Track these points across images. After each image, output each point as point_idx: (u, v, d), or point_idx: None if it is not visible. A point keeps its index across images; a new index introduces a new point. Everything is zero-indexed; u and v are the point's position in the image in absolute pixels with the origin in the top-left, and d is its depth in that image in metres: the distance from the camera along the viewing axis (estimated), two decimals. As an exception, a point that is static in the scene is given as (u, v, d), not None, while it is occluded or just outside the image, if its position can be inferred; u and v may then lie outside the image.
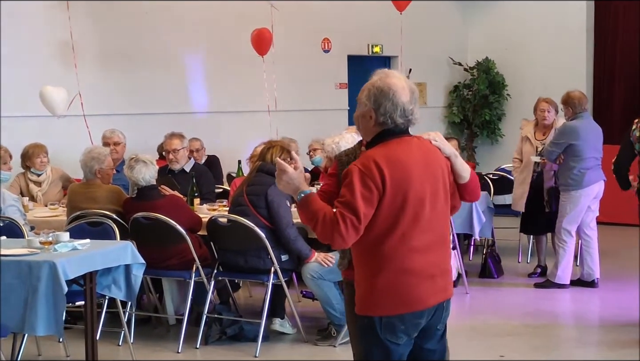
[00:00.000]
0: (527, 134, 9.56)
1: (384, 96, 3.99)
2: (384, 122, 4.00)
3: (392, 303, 3.97)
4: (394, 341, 4.01)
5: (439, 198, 4.04)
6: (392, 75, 4.05)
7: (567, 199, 9.00)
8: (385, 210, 3.91)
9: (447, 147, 4.17)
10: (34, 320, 5.73)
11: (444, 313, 4.11)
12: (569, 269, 9.15)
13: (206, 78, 12.28)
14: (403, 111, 3.99)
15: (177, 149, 8.84)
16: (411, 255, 3.95)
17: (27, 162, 9.18)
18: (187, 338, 7.33)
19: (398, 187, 3.91)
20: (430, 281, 4.00)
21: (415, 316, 4.00)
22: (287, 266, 7.37)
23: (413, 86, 4.08)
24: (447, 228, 4.15)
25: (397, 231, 3.93)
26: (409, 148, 4.00)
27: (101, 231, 7.08)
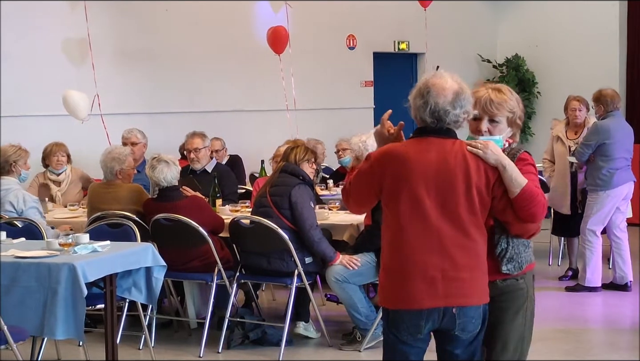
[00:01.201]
0: (558, 133, 9.38)
1: (419, 94, 4.08)
2: (416, 118, 4.13)
3: (390, 297, 4.15)
4: (399, 336, 4.13)
5: (453, 203, 4.02)
6: (440, 75, 4.11)
7: (594, 200, 8.86)
8: (384, 200, 4.13)
9: (492, 157, 4.04)
10: (53, 323, 5.71)
11: (459, 320, 4.07)
12: (598, 272, 9.00)
13: (228, 77, 12.18)
14: (433, 111, 4.04)
15: (199, 149, 8.73)
16: (407, 253, 4.06)
17: (46, 161, 9.14)
18: (208, 342, 7.23)
19: (393, 181, 4.07)
20: (428, 284, 4.03)
21: (413, 315, 4.07)
22: (311, 269, 7.26)
23: (462, 89, 4.08)
24: (466, 236, 4.04)
25: (393, 223, 4.10)
26: (426, 149, 4.06)
27: (121, 232, 7.00)
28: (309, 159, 7.38)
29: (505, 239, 4.20)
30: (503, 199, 4.06)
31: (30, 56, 10.19)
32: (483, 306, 4.13)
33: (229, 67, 12.17)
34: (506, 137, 4.31)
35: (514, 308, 4.30)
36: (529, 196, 4.04)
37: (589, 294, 8.92)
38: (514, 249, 4.21)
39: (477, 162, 4.03)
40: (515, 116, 4.33)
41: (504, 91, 4.32)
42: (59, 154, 9.10)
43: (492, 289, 4.22)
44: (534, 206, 4.05)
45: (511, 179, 4.04)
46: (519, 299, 4.31)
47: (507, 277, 4.26)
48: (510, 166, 4.05)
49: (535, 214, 4.08)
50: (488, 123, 4.27)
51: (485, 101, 4.26)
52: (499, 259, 4.21)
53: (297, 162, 7.32)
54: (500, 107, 4.27)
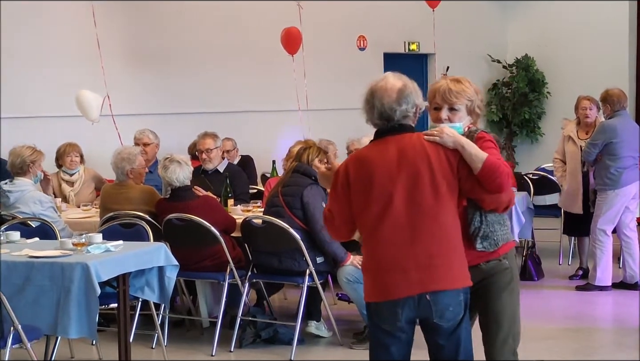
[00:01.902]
0: (569, 133, 9.39)
1: (365, 100, 4.32)
2: (368, 122, 4.33)
3: (370, 291, 4.30)
4: (383, 328, 4.27)
5: (420, 193, 4.16)
6: (382, 78, 4.34)
7: (603, 199, 8.87)
8: (355, 205, 4.27)
9: (449, 140, 4.17)
10: (66, 322, 5.74)
11: (436, 307, 4.17)
12: (608, 271, 9.00)
13: (239, 77, 12.20)
14: (381, 112, 4.24)
15: (211, 149, 8.78)
16: (380, 248, 4.22)
17: (59, 161, 9.19)
18: (221, 341, 7.26)
19: (361, 185, 4.23)
20: (402, 274, 4.16)
21: (390, 305, 4.20)
22: (322, 268, 7.28)
23: (405, 85, 4.28)
24: (436, 223, 4.17)
25: (366, 223, 4.25)
26: (384, 148, 4.22)
27: (134, 232, 7.03)
28: (321, 159, 7.40)
29: (479, 218, 4.36)
30: (469, 178, 4.19)
31: (42, 57, 10.24)
32: (463, 293, 4.22)
33: (240, 67, 12.20)
34: (466, 125, 4.46)
35: (501, 287, 4.48)
36: (492, 168, 4.15)
37: (599, 294, 8.93)
38: (488, 227, 4.38)
39: (437, 149, 4.18)
40: (474, 105, 4.48)
41: (462, 81, 4.50)
42: (72, 155, 9.16)
43: (478, 273, 4.39)
44: (499, 176, 4.16)
45: (471, 156, 4.16)
46: (505, 278, 4.49)
47: (489, 258, 4.42)
48: (469, 144, 4.18)
49: (501, 183, 4.19)
50: (448, 111, 4.43)
51: (444, 90, 4.43)
52: (473, 237, 4.37)
53: (309, 163, 7.35)
54: (459, 96, 4.42)
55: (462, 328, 4.26)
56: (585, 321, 8.12)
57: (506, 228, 4.50)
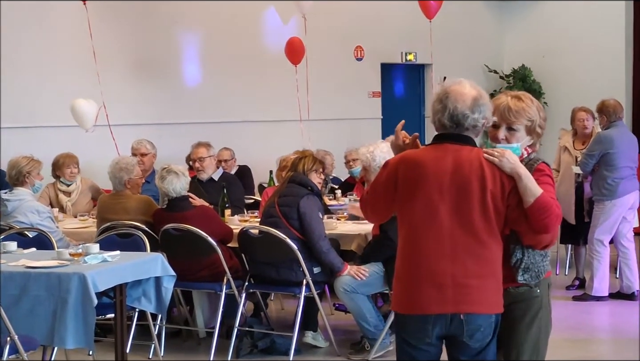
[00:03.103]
0: (565, 143, 9.41)
1: (438, 99, 4.13)
2: (434, 124, 4.16)
3: (400, 301, 4.18)
4: (408, 340, 4.16)
5: (468, 210, 4.03)
6: (458, 82, 4.16)
7: (601, 210, 8.87)
8: (398, 206, 4.16)
9: (508, 166, 4.01)
10: (63, 332, 5.74)
11: (467, 326, 4.05)
12: (605, 281, 9.00)
13: (237, 87, 12.22)
14: (452, 115, 4.07)
15: (204, 158, 8.83)
16: (418, 258, 4.09)
17: (57, 172, 9.17)
18: (218, 351, 7.25)
19: (409, 187, 4.10)
20: (436, 290, 4.04)
21: (420, 320, 4.09)
22: (319, 279, 7.28)
23: (481, 95, 4.11)
24: (479, 243, 4.03)
25: (407, 229, 4.13)
26: (442, 155, 4.08)
27: (131, 242, 7.02)
28: (317, 169, 7.40)
29: (521, 249, 4.17)
30: (517, 208, 4.03)
31: (40, 67, 10.25)
32: (495, 316, 4.11)
33: (237, 77, 12.21)
34: (525, 145, 4.28)
35: (528, 316, 4.28)
36: (543, 207, 4.01)
37: (596, 304, 8.93)
38: (530, 258, 4.19)
39: (493, 170, 4.03)
40: (535, 125, 4.28)
41: (523, 99, 4.29)
42: (72, 166, 9.15)
43: (506, 297, 4.20)
44: (547, 217, 4.02)
45: (526, 189, 4.01)
46: (533, 307, 4.29)
47: (521, 284, 4.24)
48: (526, 175, 4.02)
49: (548, 225, 4.04)
50: (506, 131, 4.26)
51: (503, 108, 4.25)
52: (515, 269, 4.19)
53: (306, 173, 7.34)
54: (519, 115, 4.24)
55: (490, 350, 4.15)
56: (582, 331, 8.11)
57: (547, 258, 4.29)
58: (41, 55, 10.28)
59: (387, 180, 4.18)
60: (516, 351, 4.30)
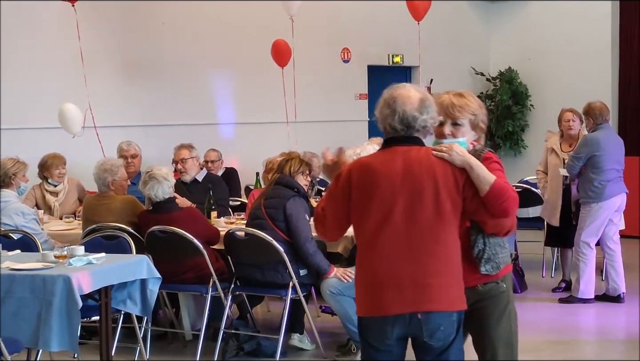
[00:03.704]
0: (552, 145, 9.42)
1: (386, 104, 4.19)
2: (385, 129, 4.22)
3: (362, 305, 4.22)
4: (373, 343, 4.20)
5: (422, 209, 4.08)
6: (402, 86, 4.25)
7: (587, 212, 8.88)
8: (353, 213, 4.20)
9: (458, 158, 4.09)
10: (48, 335, 5.70)
11: (426, 326, 4.09)
12: (592, 284, 9.01)
13: (224, 89, 12.20)
14: (402, 118, 4.14)
15: (185, 159, 8.84)
16: (376, 261, 4.13)
17: (44, 173, 9.14)
18: (204, 353, 7.24)
19: (362, 193, 4.15)
20: (396, 291, 4.08)
21: (381, 321, 4.13)
22: (305, 281, 7.26)
23: (426, 96, 4.19)
24: (436, 241, 4.09)
25: (363, 234, 4.18)
26: (392, 158, 4.14)
27: (117, 244, 7.00)
28: (303, 171, 7.39)
29: (482, 240, 4.29)
30: (474, 199, 4.11)
31: (26, 69, 10.20)
32: (457, 314, 4.14)
33: (224, 79, 12.19)
34: (470, 140, 4.41)
35: (498, 312, 4.39)
36: (499, 192, 4.09)
37: (582, 306, 8.93)
38: (491, 249, 4.30)
39: (444, 166, 4.10)
40: (478, 119, 4.44)
41: (465, 95, 4.46)
42: (60, 167, 9.14)
43: (474, 295, 4.31)
44: (505, 200, 4.09)
45: (479, 178, 4.08)
46: (502, 302, 4.41)
47: (487, 280, 4.34)
48: (477, 165, 4.11)
49: (507, 208, 4.12)
50: (451, 126, 4.38)
51: (447, 104, 4.38)
52: (477, 260, 4.29)
53: (292, 174, 7.34)
54: (462, 110, 4.39)
55: (453, 349, 4.17)
56: (569, 333, 8.11)
57: (506, 250, 4.42)
58: (27, 57, 10.23)
59: (342, 188, 4.22)
60: (491, 348, 4.40)
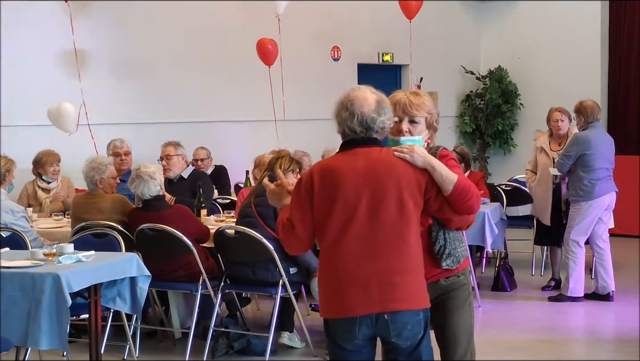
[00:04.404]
0: (542, 144, 9.43)
1: (343, 107, 4.20)
2: (344, 131, 4.21)
3: (327, 307, 4.21)
4: (341, 344, 4.17)
5: (385, 209, 4.08)
6: (358, 88, 4.27)
7: (577, 210, 8.89)
8: (316, 215, 4.16)
9: (420, 160, 4.12)
10: (37, 333, 5.69)
11: (393, 326, 4.08)
12: (581, 282, 9.03)
13: (214, 87, 12.17)
14: (361, 120, 4.14)
15: (170, 155, 8.84)
16: (340, 262, 4.11)
17: (39, 170, 9.15)
18: (193, 352, 7.22)
19: (325, 194, 4.12)
20: (361, 290, 4.07)
21: (347, 323, 4.11)
22: (295, 279, 7.26)
23: (382, 98, 4.23)
24: (399, 240, 4.10)
25: (327, 236, 4.13)
26: (353, 159, 4.14)
27: (106, 242, 6.99)
28: (293, 169, 7.38)
29: (443, 236, 4.39)
30: (438, 198, 4.15)
31: (19, 66, 10.15)
32: (423, 313, 4.15)
33: (215, 78, 12.15)
34: (425, 138, 4.46)
35: (459, 304, 4.52)
36: (463, 190, 4.14)
37: (571, 304, 8.95)
38: (451, 245, 4.42)
39: (406, 167, 4.12)
40: (433, 119, 4.50)
41: (421, 95, 4.52)
42: (55, 165, 9.16)
43: (437, 289, 4.42)
44: (470, 198, 4.15)
45: (442, 178, 4.12)
46: (463, 294, 4.54)
47: (449, 275, 4.45)
48: (439, 165, 4.14)
49: (472, 206, 4.18)
50: (408, 124, 4.43)
51: (404, 103, 4.44)
52: (438, 256, 4.39)
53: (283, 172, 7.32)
54: (420, 108, 4.44)
55: (423, 347, 4.18)
56: (558, 332, 8.12)
57: (464, 244, 4.53)
58: (19, 54, 10.17)
59: (305, 191, 4.18)
60: (454, 339, 4.52)
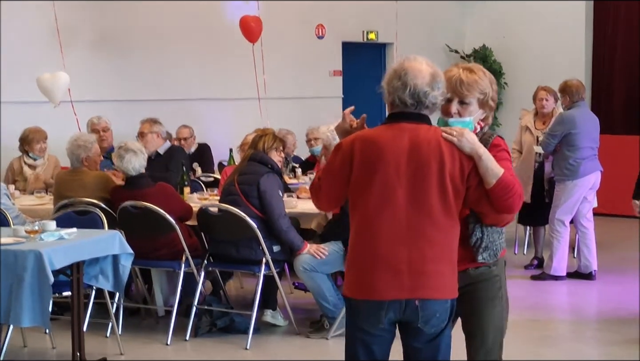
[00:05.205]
0: (527, 123, 9.44)
1: (396, 76, 3.95)
2: (393, 101, 3.98)
3: (353, 286, 4.03)
4: (363, 327, 4.02)
5: (425, 193, 3.88)
6: (413, 59, 4.01)
7: (562, 190, 8.90)
8: (352, 188, 3.99)
9: (467, 146, 3.88)
10: (19, 310, 5.69)
11: (423, 313, 3.93)
12: (564, 261, 9.06)
13: (198, 65, 12.11)
14: (413, 93, 3.91)
15: (145, 133, 8.79)
16: (373, 243, 3.95)
17: (25, 147, 9.14)
18: (176, 329, 7.21)
19: (365, 168, 3.94)
20: (392, 275, 3.91)
21: (374, 305, 3.95)
22: (279, 257, 7.25)
23: (437, 71, 3.97)
24: (436, 228, 3.91)
25: (362, 211, 3.97)
26: (399, 134, 3.93)
27: (89, 220, 6.96)
28: (277, 147, 7.37)
29: (480, 229, 4.09)
30: (478, 189, 3.92)
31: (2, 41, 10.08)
32: (451, 301, 4.00)
33: (198, 55, 12.10)
34: (477, 119, 4.15)
35: (489, 297, 4.22)
36: (506, 187, 3.91)
37: (554, 283, 8.98)
38: (489, 237, 4.12)
39: (452, 151, 3.88)
40: (487, 97, 4.15)
41: (475, 71, 4.16)
42: (41, 142, 9.16)
43: (465, 278, 4.13)
44: (511, 197, 3.93)
45: (487, 169, 3.89)
46: (494, 286, 4.23)
47: (480, 265, 4.17)
48: (486, 155, 3.90)
49: (512, 205, 3.96)
50: (458, 105, 4.12)
51: (455, 81, 4.10)
52: (474, 249, 4.11)
53: (265, 151, 7.31)
54: (471, 88, 4.10)
55: (444, 335, 4.04)
56: (541, 311, 8.16)
57: (503, 235, 4.21)
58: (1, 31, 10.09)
59: (342, 162, 4.00)
60: (481, 332, 4.24)
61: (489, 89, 4.16)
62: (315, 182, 4.19)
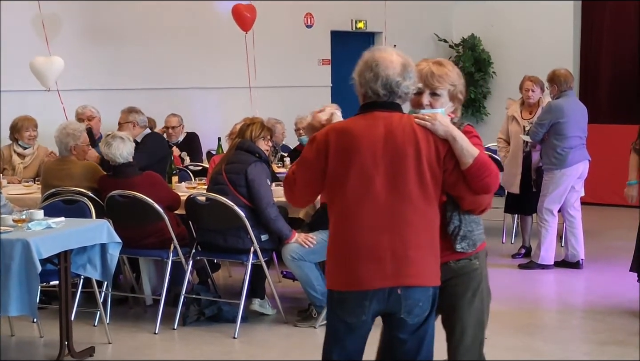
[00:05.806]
0: (513, 113, 9.45)
1: (367, 67, 3.99)
2: (365, 93, 4.01)
3: (336, 278, 4.04)
4: (345, 319, 4.01)
5: (403, 179, 3.92)
6: (384, 50, 4.05)
7: (550, 179, 8.92)
8: (329, 180, 4.00)
9: (441, 129, 3.93)
10: (6, 299, 5.71)
11: (406, 302, 3.94)
12: (552, 250, 9.09)
13: (187, 54, 12.09)
14: (385, 83, 3.95)
15: (120, 123, 8.81)
16: (354, 232, 3.96)
17: (15, 135, 9.14)
18: (164, 318, 7.21)
19: (341, 158, 3.95)
20: (376, 264, 3.92)
21: (358, 296, 3.95)
22: (267, 246, 7.26)
23: (407, 61, 4.01)
24: (417, 213, 3.93)
25: (340, 203, 3.98)
26: (373, 123, 3.96)
27: (76, 209, 6.97)
28: (264, 136, 7.37)
29: (458, 217, 4.12)
30: (454, 172, 3.96)
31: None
32: (433, 289, 4.00)
33: (186, 44, 12.07)
34: (448, 111, 4.21)
35: (470, 290, 4.23)
36: (482, 166, 3.95)
37: (541, 272, 9.01)
38: (467, 226, 4.15)
39: (427, 135, 3.93)
40: (457, 90, 4.24)
41: (445, 64, 4.25)
42: (30, 129, 9.15)
43: (446, 271, 4.14)
44: (488, 176, 3.97)
45: (462, 150, 3.93)
46: (475, 280, 4.24)
47: (460, 257, 4.19)
48: (460, 137, 3.95)
49: (489, 184, 3.99)
50: (429, 96, 4.18)
51: (426, 73, 4.17)
52: (452, 237, 4.13)
53: (253, 139, 7.31)
54: (442, 80, 4.18)
55: (428, 325, 4.04)
56: (528, 299, 8.19)
57: (481, 227, 4.25)
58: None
59: (317, 154, 4.01)
60: (460, 325, 4.25)
61: (458, 82, 4.24)
62: (290, 175, 4.17)
